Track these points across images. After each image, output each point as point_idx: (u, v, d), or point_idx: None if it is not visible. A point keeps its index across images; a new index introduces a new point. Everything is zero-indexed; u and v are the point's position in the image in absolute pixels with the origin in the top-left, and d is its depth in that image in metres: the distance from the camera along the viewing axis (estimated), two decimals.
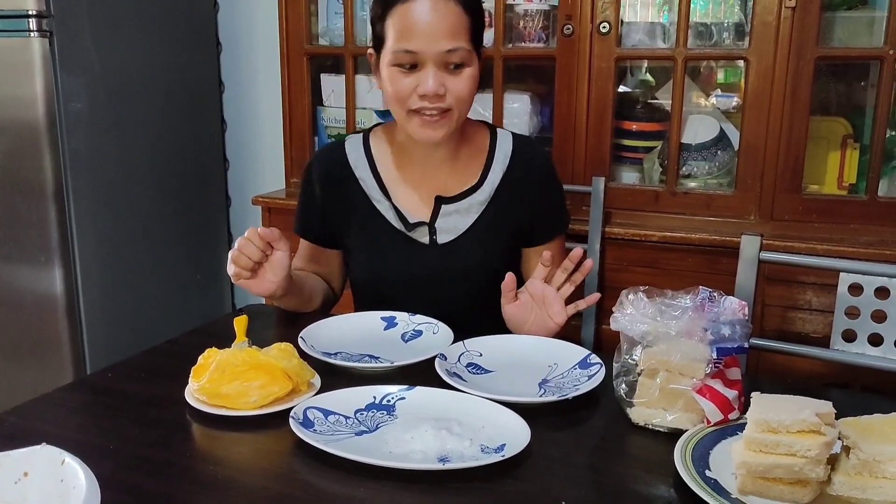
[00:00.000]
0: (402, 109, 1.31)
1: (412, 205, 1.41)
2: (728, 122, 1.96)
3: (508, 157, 1.43)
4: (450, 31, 1.26)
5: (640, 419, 1.02)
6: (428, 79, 1.26)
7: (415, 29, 1.25)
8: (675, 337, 1.00)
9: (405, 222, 1.40)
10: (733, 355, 1.02)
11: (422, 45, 1.25)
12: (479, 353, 1.23)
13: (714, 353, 0.99)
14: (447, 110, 1.29)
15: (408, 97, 1.29)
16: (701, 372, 0.99)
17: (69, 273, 2.08)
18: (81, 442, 0.97)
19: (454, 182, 1.42)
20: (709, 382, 1.00)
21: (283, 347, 1.10)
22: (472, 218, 1.41)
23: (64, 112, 2.02)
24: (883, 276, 1.35)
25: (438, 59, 1.26)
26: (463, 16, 1.27)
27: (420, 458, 0.92)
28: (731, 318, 1.02)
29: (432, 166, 1.41)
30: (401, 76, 1.28)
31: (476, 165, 1.43)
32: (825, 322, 1.67)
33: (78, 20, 2.03)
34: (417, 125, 1.31)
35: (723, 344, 0.99)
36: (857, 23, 1.83)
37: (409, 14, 1.25)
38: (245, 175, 2.66)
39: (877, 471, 0.81)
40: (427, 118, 1.29)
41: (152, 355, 1.27)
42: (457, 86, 1.28)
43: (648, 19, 1.97)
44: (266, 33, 2.43)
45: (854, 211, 1.75)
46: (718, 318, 1.01)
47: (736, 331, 1.01)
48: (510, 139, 1.45)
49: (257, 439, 1.00)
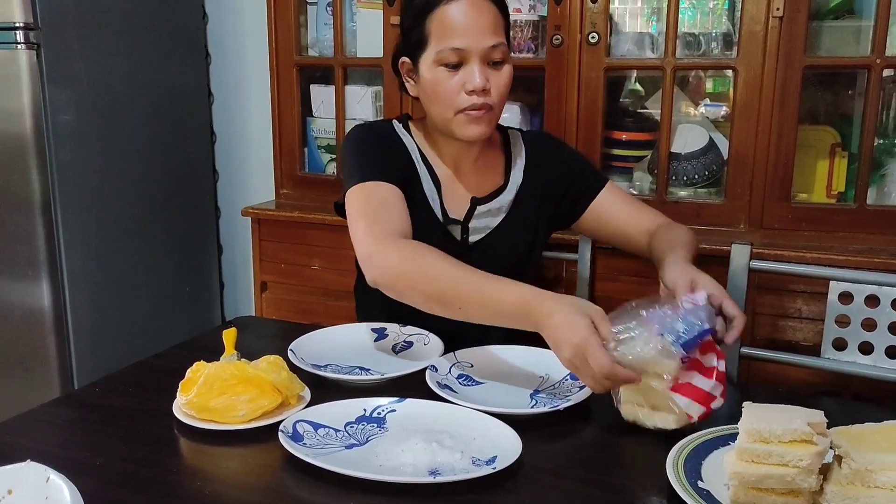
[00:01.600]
0: (450, 109, 1.32)
1: (451, 202, 1.42)
2: (717, 132, 1.96)
3: (524, 155, 1.47)
4: (491, 28, 1.30)
5: (630, 416, 1.04)
6: (475, 74, 1.29)
7: (459, 27, 1.29)
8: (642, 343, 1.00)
9: (445, 217, 1.41)
10: (699, 342, 1.02)
11: (468, 42, 1.28)
12: (469, 364, 1.23)
13: (680, 350, 0.99)
14: (490, 107, 1.32)
15: (456, 95, 1.31)
16: (673, 369, 0.99)
17: (56, 286, 2.06)
18: (67, 458, 0.95)
19: (484, 183, 1.44)
20: (684, 378, 1.00)
21: (273, 360, 1.10)
22: (501, 217, 1.44)
23: (52, 124, 2.00)
24: (872, 285, 1.36)
25: (483, 55, 1.29)
26: (498, 14, 1.33)
27: (411, 472, 0.91)
28: (682, 314, 1.02)
29: (464, 167, 1.43)
30: (447, 75, 1.31)
31: (499, 165, 1.47)
32: (816, 330, 1.67)
33: (66, 32, 2.02)
34: (464, 123, 1.33)
35: (683, 338, 1.00)
36: (844, 32, 1.84)
37: (452, 13, 1.29)
38: (234, 186, 2.65)
39: (869, 480, 0.81)
40: (473, 115, 1.31)
41: (140, 369, 1.26)
42: (499, 81, 1.32)
43: (637, 29, 1.98)
44: (255, 44, 2.43)
45: (843, 219, 1.76)
46: (665, 319, 1.01)
47: (690, 322, 1.01)
48: (520, 137, 1.50)
49: (246, 454, 0.99)
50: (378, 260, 1.22)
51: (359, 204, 1.30)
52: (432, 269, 1.18)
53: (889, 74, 1.81)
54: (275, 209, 2.18)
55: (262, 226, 2.19)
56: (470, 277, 1.15)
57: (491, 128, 1.36)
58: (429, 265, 1.18)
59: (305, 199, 2.20)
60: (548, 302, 1.06)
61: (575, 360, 1.02)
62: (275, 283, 2.20)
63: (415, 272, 1.19)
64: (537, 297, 1.08)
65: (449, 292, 1.15)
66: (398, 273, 1.20)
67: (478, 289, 1.13)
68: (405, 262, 1.19)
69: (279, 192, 2.27)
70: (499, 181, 1.45)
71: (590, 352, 0.99)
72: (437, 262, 1.18)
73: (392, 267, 1.20)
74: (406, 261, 1.20)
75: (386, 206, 1.29)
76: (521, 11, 1.96)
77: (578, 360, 1.01)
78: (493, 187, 1.44)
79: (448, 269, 1.17)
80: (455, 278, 1.15)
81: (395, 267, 1.20)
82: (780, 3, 1.70)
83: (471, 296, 1.13)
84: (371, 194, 1.30)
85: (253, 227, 2.20)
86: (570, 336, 1.01)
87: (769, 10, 1.72)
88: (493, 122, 1.36)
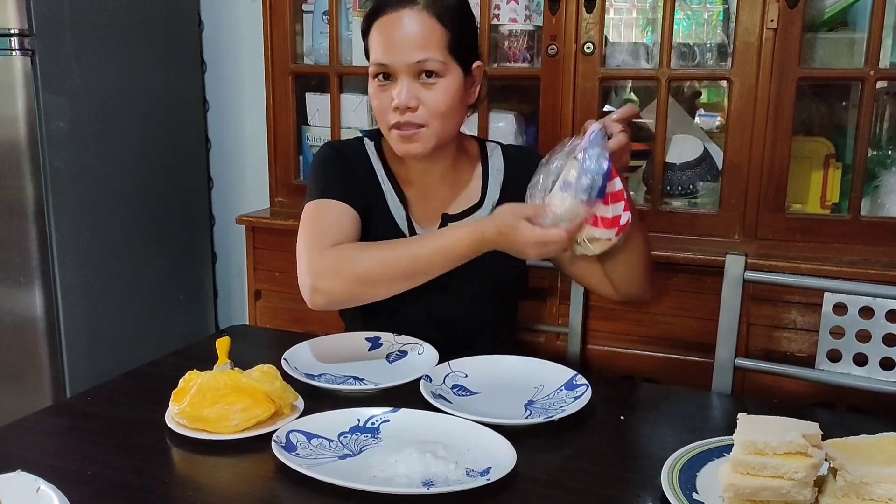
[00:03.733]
0: (385, 125, 1.32)
1: (420, 218, 1.41)
2: (712, 142, 1.97)
3: (502, 172, 1.43)
4: (420, 43, 1.26)
5: (577, 252, 1.21)
6: (401, 91, 1.27)
7: (386, 42, 1.28)
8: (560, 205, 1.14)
9: (413, 233, 1.39)
10: (606, 181, 1.12)
11: (392, 58, 1.27)
12: (464, 375, 1.22)
13: (593, 199, 1.12)
14: (421, 125, 1.28)
15: (387, 112, 1.30)
16: (586, 213, 1.13)
17: (49, 294, 2.05)
18: (58, 468, 0.95)
19: (457, 200, 1.42)
20: (594, 210, 1.14)
21: (266, 370, 1.09)
22: None
23: (46, 131, 2.00)
24: (867, 296, 1.36)
25: (410, 71, 1.27)
26: (437, 26, 1.27)
27: (404, 482, 0.90)
28: (581, 163, 1.12)
29: (433, 182, 1.41)
30: (379, 90, 1.30)
31: (475, 182, 1.43)
32: (810, 341, 1.67)
33: (60, 39, 2.02)
34: (396, 140, 1.31)
35: (591, 193, 1.11)
36: (838, 44, 1.85)
37: (382, 28, 1.29)
38: (229, 194, 2.65)
39: (864, 493, 0.81)
40: (403, 133, 1.29)
41: (132, 378, 1.26)
42: (431, 98, 1.27)
43: (632, 40, 1.98)
44: (251, 52, 2.43)
45: (837, 230, 1.76)
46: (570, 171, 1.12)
47: (593, 170, 1.11)
48: (500, 152, 1.46)
49: (238, 464, 0.99)
50: (310, 271, 1.23)
51: (307, 223, 1.31)
52: (379, 258, 1.23)
53: (882, 86, 1.82)
54: (269, 217, 2.17)
55: (256, 234, 2.19)
56: (417, 247, 1.24)
57: (426, 147, 1.30)
58: (373, 256, 1.23)
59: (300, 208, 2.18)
60: (491, 224, 1.20)
61: (534, 249, 1.18)
62: (269, 292, 2.20)
63: (362, 268, 1.22)
64: (481, 232, 1.21)
65: (409, 268, 1.22)
66: (339, 275, 1.22)
67: (432, 251, 1.22)
68: (343, 264, 1.23)
69: (274, 201, 2.26)
70: (474, 198, 1.42)
71: (523, 234, 1.16)
72: (378, 250, 1.25)
73: (328, 272, 1.22)
74: (344, 262, 1.23)
75: (332, 223, 1.30)
76: (517, 21, 1.97)
77: (536, 249, 1.18)
78: (467, 204, 1.41)
79: (393, 251, 1.24)
80: (405, 254, 1.23)
81: (330, 271, 1.22)
82: (775, 15, 1.71)
83: (430, 259, 1.22)
84: (322, 211, 1.32)
85: (247, 235, 2.20)
86: (515, 238, 1.18)
87: (763, 22, 1.73)
88: (429, 141, 1.30)
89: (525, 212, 1.18)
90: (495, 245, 1.21)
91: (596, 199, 1.12)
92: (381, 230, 1.38)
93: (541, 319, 1.91)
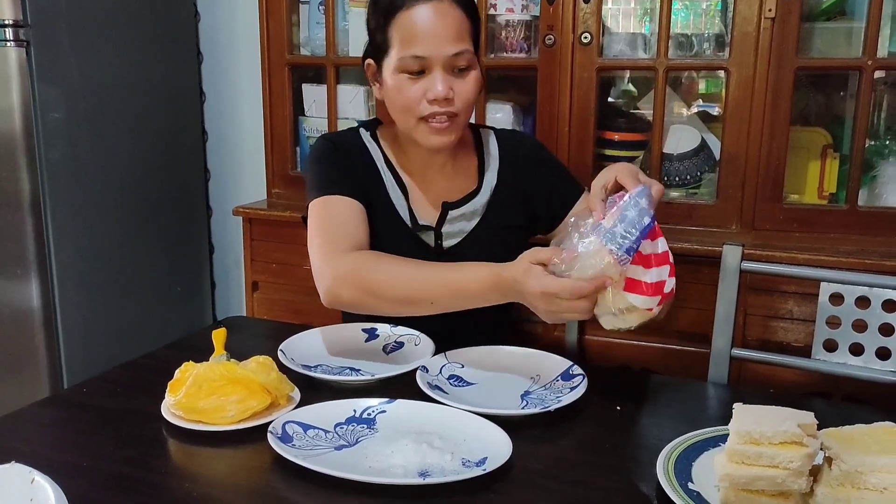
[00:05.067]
0: (412, 118, 1.31)
1: (421, 207, 1.41)
2: (709, 132, 1.96)
3: (497, 157, 1.44)
4: (455, 35, 1.27)
5: (610, 325, 1.05)
6: (437, 83, 1.26)
7: (421, 34, 1.26)
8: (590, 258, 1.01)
9: (414, 223, 1.39)
10: (643, 238, 1.01)
11: (429, 50, 1.26)
12: (460, 365, 1.22)
13: (625, 256, 0.99)
14: (454, 115, 1.30)
15: (417, 104, 1.29)
16: (615, 272, 1.00)
17: (46, 286, 2.05)
18: (54, 459, 0.95)
19: (455, 187, 1.42)
20: (629, 274, 1.00)
21: (262, 361, 1.09)
22: (476, 221, 1.41)
23: (41, 122, 1.99)
24: (863, 286, 1.36)
25: (446, 63, 1.27)
26: (464, 19, 1.29)
27: (401, 473, 0.90)
28: (619, 216, 1.01)
29: (434, 171, 1.41)
30: (409, 83, 1.28)
31: (472, 168, 1.44)
32: (807, 331, 1.67)
33: (56, 29, 2.01)
34: (427, 133, 1.31)
35: (623, 244, 0.99)
36: (835, 33, 1.84)
37: (414, 20, 1.26)
38: (226, 185, 2.64)
39: (859, 482, 0.81)
40: (436, 125, 1.29)
41: (128, 370, 1.26)
42: (464, 89, 1.29)
43: (630, 30, 1.98)
44: (247, 43, 2.42)
45: (834, 220, 1.76)
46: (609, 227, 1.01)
47: (630, 220, 1.00)
48: (494, 137, 1.47)
49: (234, 455, 0.99)
50: (329, 274, 1.23)
51: (317, 219, 1.31)
52: (393, 274, 1.21)
53: (880, 76, 1.82)
54: (266, 209, 2.17)
55: (253, 225, 2.18)
56: (432, 273, 1.19)
57: (457, 136, 1.33)
58: (388, 271, 1.21)
59: (297, 199, 2.19)
60: (510, 268, 1.12)
61: (542, 303, 1.06)
62: (266, 283, 2.19)
63: (374, 280, 1.21)
64: (498, 273, 1.14)
65: (417, 293, 1.19)
66: (353, 282, 1.21)
67: (444, 282, 1.18)
68: (359, 271, 1.22)
69: (271, 192, 2.26)
70: (472, 184, 1.43)
71: (530, 282, 1.05)
72: (395, 266, 1.22)
73: (345, 277, 1.22)
74: (361, 270, 1.22)
75: (343, 221, 1.30)
76: (514, 11, 1.96)
77: (544, 302, 1.06)
78: (465, 191, 1.42)
79: (408, 271, 1.21)
80: (418, 277, 1.19)
81: (348, 276, 1.22)
82: (773, 4, 1.70)
83: (440, 290, 1.18)
84: (330, 208, 1.32)
85: (244, 226, 2.19)
86: (523, 287, 1.08)
87: (761, 11, 1.72)
88: (458, 131, 1.33)
89: (539, 255, 1.08)
90: (511, 292, 1.12)
91: (629, 256, 0.99)
92: (383, 221, 1.38)
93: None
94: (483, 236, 1.41)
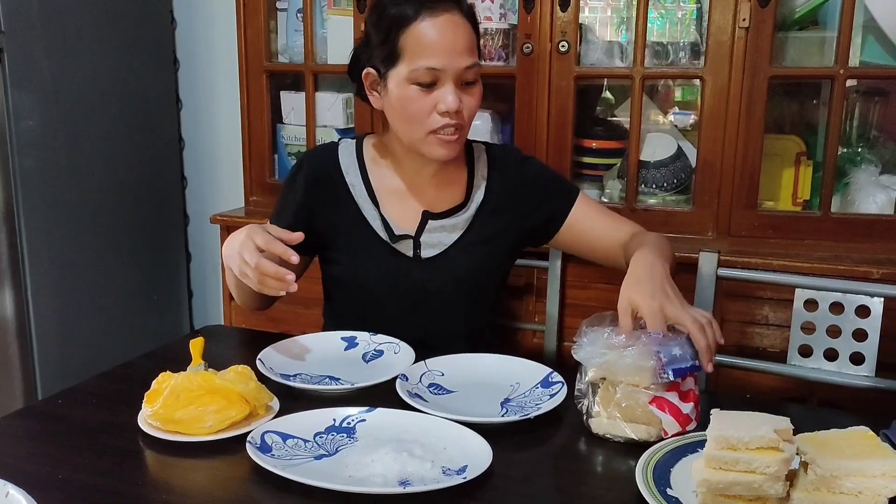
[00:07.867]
0: (421, 130, 1.30)
1: (399, 217, 1.40)
2: (685, 140, 1.98)
3: (486, 173, 1.44)
4: (468, 48, 1.28)
5: (601, 430, 1.04)
6: (448, 95, 1.26)
7: (436, 46, 1.25)
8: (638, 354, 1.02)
9: (390, 233, 1.39)
10: (687, 374, 1.04)
11: (444, 62, 1.25)
12: (440, 373, 1.22)
13: (670, 375, 1.01)
14: (461, 127, 1.31)
15: (427, 116, 1.28)
16: (648, 378, 1.01)
17: (20, 295, 2.02)
18: (29, 472, 0.93)
19: (441, 199, 1.42)
20: (664, 395, 1.02)
21: (241, 370, 1.08)
22: (458, 234, 1.41)
23: (15, 130, 1.97)
24: (837, 292, 1.38)
25: (457, 76, 1.27)
26: (472, 33, 1.31)
27: (381, 482, 0.90)
28: (678, 340, 1.05)
29: (422, 181, 1.41)
30: (420, 94, 1.28)
31: (460, 181, 1.44)
32: (782, 337, 1.69)
33: (30, 36, 1.99)
34: (435, 145, 1.30)
35: (677, 364, 1.02)
36: (808, 43, 1.87)
37: (429, 31, 1.26)
38: (203, 193, 2.62)
39: (834, 486, 0.82)
40: (445, 138, 1.29)
41: (104, 380, 1.24)
42: (471, 102, 1.31)
43: (607, 38, 1.99)
44: (224, 50, 2.41)
45: (808, 227, 1.79)
46: (667, 343, 1.04)
47: (686, 350, 1.04)
48: (484, 152, 1.47)
49: (213, 466, 0.98)
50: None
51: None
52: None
53: (852, 84, 1.85)
54: (244, 216, 2.15)
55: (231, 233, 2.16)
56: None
57: (461, 147, 1.35)
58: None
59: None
60: None
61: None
62: None
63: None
64: None
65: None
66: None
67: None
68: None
69: (249, 200, 2.25)
70: (459, 198, 1.42)
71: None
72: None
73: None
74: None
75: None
76: (492, 20, 1.97)
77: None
78: (451, 203, 1.42)
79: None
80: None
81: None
82: (747, 14, 1.73)
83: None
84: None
85: (222, 234, 2.18)
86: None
87: (735, 21, 1.74)
88: (462, 142, 1.34)
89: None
90: None
91: (667, 377, 1.01)
92: (357, 236, 1.39)
93: (517, 317, 1.91)
94: (463, 249, 1.40)
